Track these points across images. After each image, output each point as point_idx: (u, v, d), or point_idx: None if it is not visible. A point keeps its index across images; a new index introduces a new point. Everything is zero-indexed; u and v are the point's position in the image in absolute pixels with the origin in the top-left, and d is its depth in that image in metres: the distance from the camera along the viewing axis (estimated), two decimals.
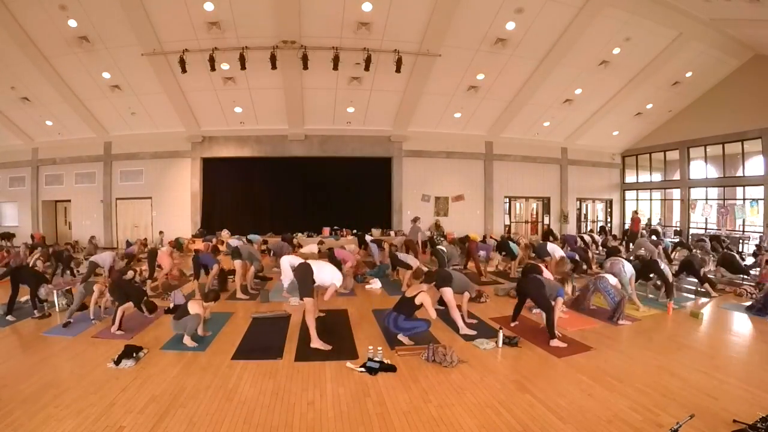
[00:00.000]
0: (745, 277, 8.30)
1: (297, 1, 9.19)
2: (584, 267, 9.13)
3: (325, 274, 4.86)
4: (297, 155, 14.68)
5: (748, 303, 6.35)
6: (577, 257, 9.10)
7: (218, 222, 14.48)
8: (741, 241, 13.21)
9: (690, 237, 14.54)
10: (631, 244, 12.52)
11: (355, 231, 13.83)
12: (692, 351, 4.59)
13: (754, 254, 10.60)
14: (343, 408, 3.24)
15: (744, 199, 14.00)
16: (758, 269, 8.79)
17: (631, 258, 8.50)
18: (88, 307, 5.56)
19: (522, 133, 15.46)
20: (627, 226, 16.70)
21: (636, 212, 16.57)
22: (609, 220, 18.11)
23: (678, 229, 15.58)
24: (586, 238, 12.56)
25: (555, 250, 8.60)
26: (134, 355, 4.15)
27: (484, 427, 2.98)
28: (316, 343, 4.48)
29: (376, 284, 7.94)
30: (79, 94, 12.17)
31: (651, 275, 7.02)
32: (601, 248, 12.39)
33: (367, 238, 11.72)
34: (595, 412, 3.18)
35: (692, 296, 7.23)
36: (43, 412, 3.13)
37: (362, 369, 3.93)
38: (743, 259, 9.80)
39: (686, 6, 10.21)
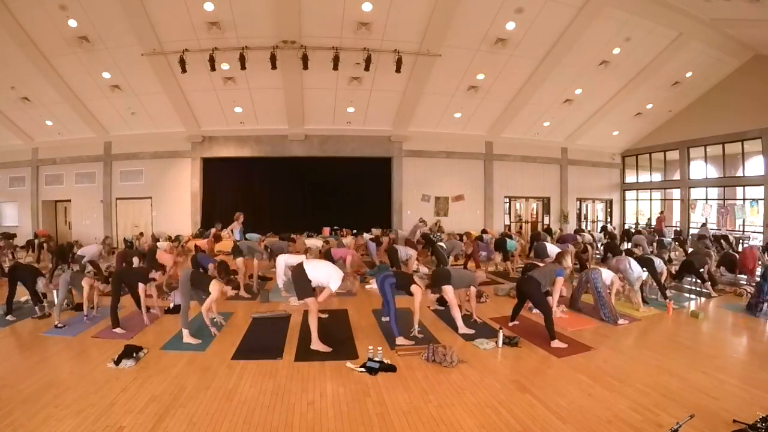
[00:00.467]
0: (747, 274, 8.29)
1: (297, 1, 9.18)
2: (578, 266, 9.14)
3: (320, 272, 4.63)
4: (297, 155, 14.67)
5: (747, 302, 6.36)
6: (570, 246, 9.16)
7: (218, 222, 14.45)
8: (741, 241, 13.19)
9: (690, 237, 14.51)
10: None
11: (354, 231, 13.86)
12: (692, 351, 4.58)
13: None
14: (343, 408, 3.24)
15: (744, 199, 14.00)
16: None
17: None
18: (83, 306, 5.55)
19: (522, 133, 15.44)
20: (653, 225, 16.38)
21: (662, 212, 16.25)
22: (609, 220, 18.10)
23: (678, 228, 15.55)
24: (587, 237, 12.54)
25: (554, 251, 8.59)
26: (134, 355, 4.15)
27: (484, 427, 2.98)
28: (316, 344, 4.46)
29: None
30: (79, 94, 12.15)
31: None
32: (601, 247, 12.35)
33: (365, 236, 11.69)
34: (595, 412, 3.18)
35: (692, 296, 7.24)
36: (43, 412, 3.13)
37: (362, 369, 3.93)
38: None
39: (686, 6, 10.20)
